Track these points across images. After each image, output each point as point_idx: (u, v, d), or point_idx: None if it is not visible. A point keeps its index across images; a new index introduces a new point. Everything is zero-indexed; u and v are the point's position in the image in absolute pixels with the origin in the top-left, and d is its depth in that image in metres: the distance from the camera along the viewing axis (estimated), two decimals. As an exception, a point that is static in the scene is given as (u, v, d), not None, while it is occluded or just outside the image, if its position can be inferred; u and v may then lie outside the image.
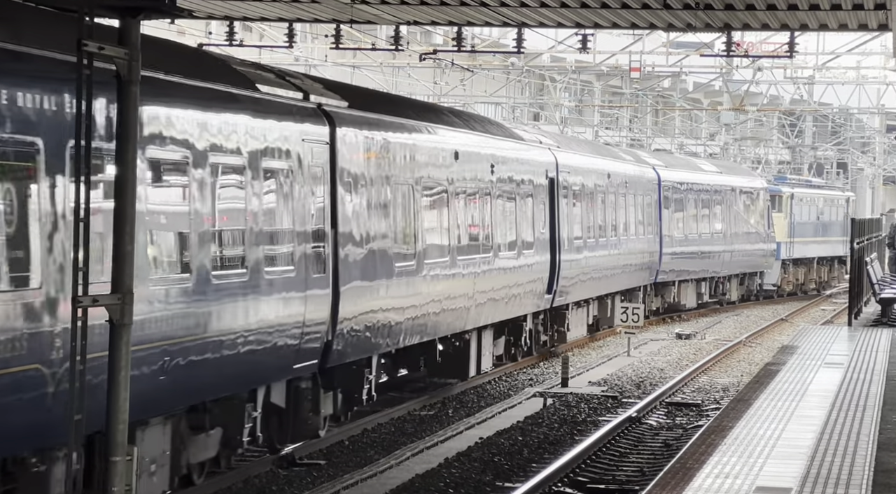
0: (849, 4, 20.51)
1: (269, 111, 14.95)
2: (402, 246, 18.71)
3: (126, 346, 9.82)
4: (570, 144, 30.76)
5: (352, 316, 16.96)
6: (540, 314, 27.79)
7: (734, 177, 45.39)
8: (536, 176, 26.28)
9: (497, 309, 23.64)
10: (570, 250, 28.70)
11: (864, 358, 19.88)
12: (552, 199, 27.52)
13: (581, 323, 30.88)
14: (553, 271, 27.35)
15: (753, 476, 11.29)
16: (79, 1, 9.57)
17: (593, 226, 30.99)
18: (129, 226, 9.84)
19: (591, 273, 30.43)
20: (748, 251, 45.33)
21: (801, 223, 52.34)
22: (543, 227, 26.65)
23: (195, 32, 41.25)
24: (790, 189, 52.13)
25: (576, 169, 29.54)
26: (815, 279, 54.96)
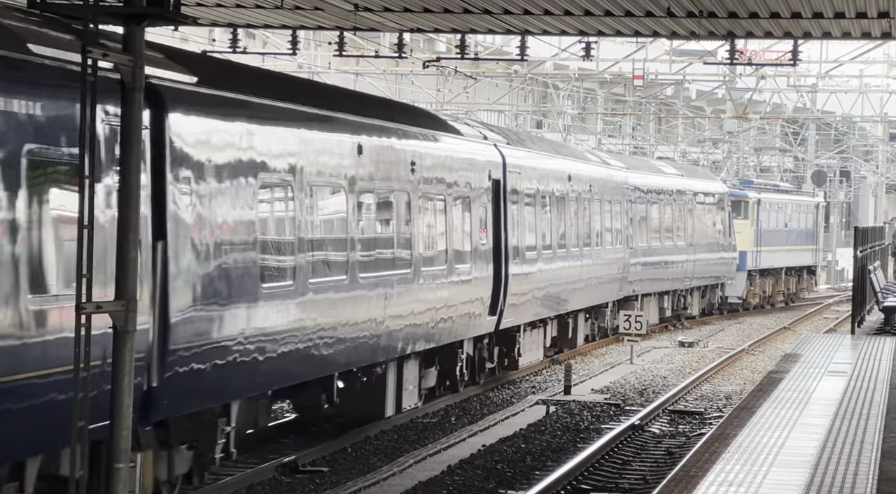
0: (852, 13, 20.53)
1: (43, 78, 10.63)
2: (275, 260, 14.61)
3: (130, 353, 9.83)
4: (522, 141, 26.55)
5: (190, 353, 12.91)
6: (484, 338, 23.72)
7: (696, 181, 41.66)
8: (476, 176, 22.16)
9: (420, 336, 19.45)
10: (520, 263, 24.61)
11: (867, 366, 19.86)
12: (498, 204, 23.52)
13: (536, 347, 26.88)
14: (498, 287, 23.20)
15: (757, 484, 11.27)
16: (83, 8, 9.58)
17: (551, 234, 27.09)
18: (133, 234, 9.85)
19: (547, 288, 26.49)
20: (710, 261, 41.73)
21: (769, 230, 48.51)
22: (485, 237, 22.53)
23: (199, 39, 41.29)
24: (756, 194, 48.10)
25: (528, 169, 25.45)
26: (784, 291, 51.31)
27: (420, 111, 21.48)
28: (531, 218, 25.62)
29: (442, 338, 20.47)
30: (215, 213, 13.39)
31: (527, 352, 26.20)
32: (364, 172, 17.23)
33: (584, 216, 29.84)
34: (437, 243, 20.06)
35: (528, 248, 25.26)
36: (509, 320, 24.02)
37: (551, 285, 26.90)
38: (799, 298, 53.10)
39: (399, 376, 19.54)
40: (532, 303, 25.50)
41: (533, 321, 26.19)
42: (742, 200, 46.89)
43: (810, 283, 54.61)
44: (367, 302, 17.29)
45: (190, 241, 12.93)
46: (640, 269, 35.11)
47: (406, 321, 18.77)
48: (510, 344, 25.21)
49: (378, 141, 17.85)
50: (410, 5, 21.52)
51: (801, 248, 52.13)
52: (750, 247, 46.47)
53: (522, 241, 24.90)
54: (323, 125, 16.10)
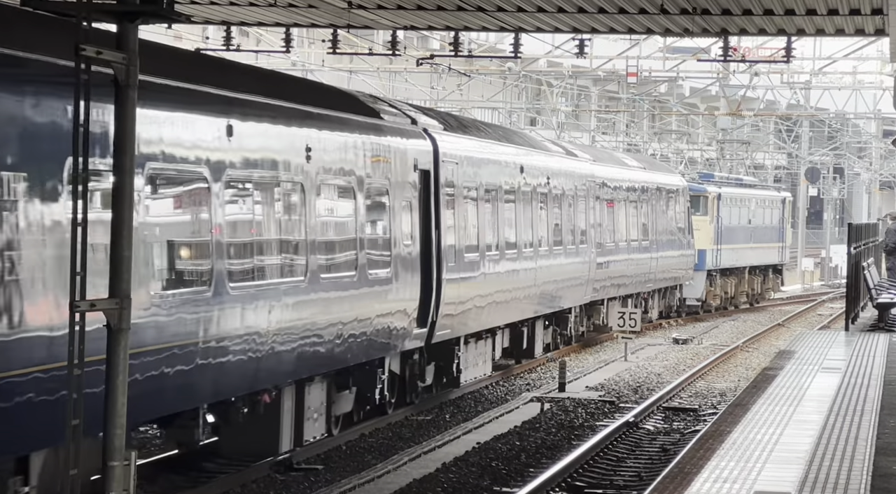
0: (846, 9, 20.54)
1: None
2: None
3: (124, 351, 9.82)
4: (464, 127, 22.85)
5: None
6: (414, 353, 20.40)
7: (658, 175, 38.24)
8: (398, 166, 18.87)
9: (323, 355, 16.31)
10: (458, 267, 21.42)
11: (861, 362, 19.88)
12: (428, 200, 20.24)
13: (483, 360, 23.94)
14: (429, 296, 20.16)
15: (751, 480, 11.28)
16: (76, 5, 9.57)
17: (498, 234, 23.69)
18: (127, 233, 9.84)
19: (494, 295, 23.31)
20: (670, 260, 38.29)
21: (730, 227, 44.94)
22: (409, 238, 19.30)
23: (192, 37, 41.25)
24: (716, 188, 44.54)
25: (468, 159, 22.05)
26: (748, 291, 47.77)
27: (324, 88, 17.92)
28: (472, 215, 22.20)
29: (353, 357, 17.18)
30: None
31: (470, 367, 23.06)
32: (236, 159, 14.02)
33: (540, 213, 26.35)
34: (344, 246, 16.80)
35: (467, 250, 21.89)
36: (444, 332, 20.83)
37: (499, 291, 23.58)
38: (764, 299, 50.06)
39: (298, 403, 16.36)
40: (474, 313, 22.31)
41: (478, 332, 23.06)
42: (700, 195, 43.34)
43: (776, 283, 51.31)
44: (240, 318, 14.03)
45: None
46: (607, 271, 32.08)
47: (301, 339, 15.47)
48: (448, 358, 21.93)
49: (257, 122, 14.69)
50: (404, 3, 21.52)
51: (766, 246, 48.91)
52: (709, 245, 43.09)
53: (461, 242, 21.56)
54: (174, 101, 12.97)
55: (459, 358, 22.34)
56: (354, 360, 17.36)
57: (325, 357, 16.31)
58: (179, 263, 12.98)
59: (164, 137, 12.81)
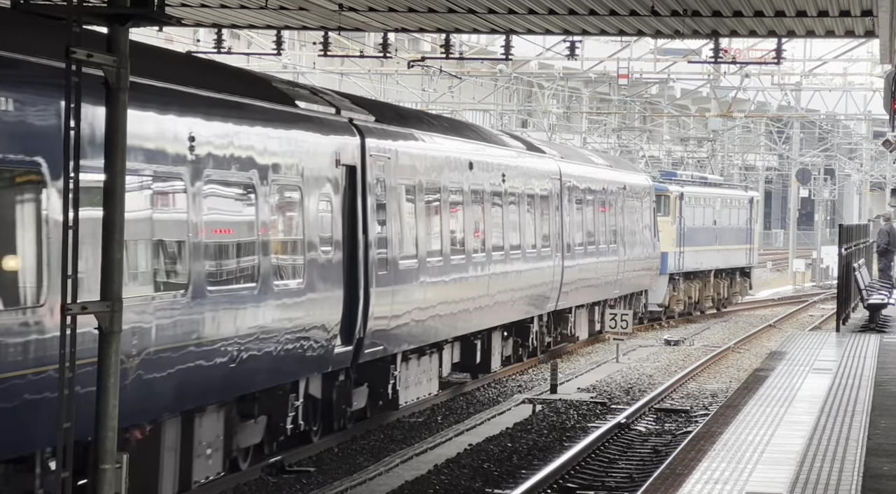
0: (836, 11, 20.59)
1: None
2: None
3: (115, 354, 9.82)
4: (401, 119, 20.27)
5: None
6: (339, 373, 17.99)
7: (624, 173, 35.70)
8: (314, 161, 16.39)
9: (215, 382, 13.86)
10: (392, 277, 18.90)
11: (852, 363, 19.91)
12: (354, 200, 17.85)
13: (427, 378, 21.50)
14: (354, 309, 17.73)
15: (743, 481, 11.30)
16: (67, 8, 9.57)
17: (442, 239, 21.13)
18: (119, 235, 9.84)
19: (439, 307, 20.88)
20: (638, 265, 35.87)
21: (694, 229, 42.53)
22: (329, 244, 16.79)
23: (183, 40, 41.24)
24: (679, 188, 42.03)
25: (403, 154, 19.54)
26: (713, 295, 45.19)
27: (223, 69, 15.27)
28: (409, 217, 19.64)
29: (258, 381, 14.83)
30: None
31: (411, 386, 20.69)
32: (86, 146, 11.25)
33: (494, 214, 23.77)
34: (241, 251, 14.36)
35: (404, 257, 19.34)
36: (375, 350, 18.40)
37: (445, 302, 21.08)
38: (731, 304, 47.55)
39: (187, 439, 13.95)
40: (414, 327, 19.82)
41: (420, 347, 20.65)
42: (662, 194, 40.63)
43: (744, 287, 48.41)
44: (93, 342, 10.92)
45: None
46: (574, 277, 29.58)
47: (183, 363, 12.99)
48: (380, 379, 19.45)
49: (143, 105, 12.45)
50: (395, 5, 21.53)
51: (733, 248, 46.26)
52: (671, 248, 40.48)
53: (395, 248, 18.99)
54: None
55: (396, 377, 19.81)
56: (259, 385, 14.90)
57: (218, 383, 13.70)
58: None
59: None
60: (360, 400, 18.87)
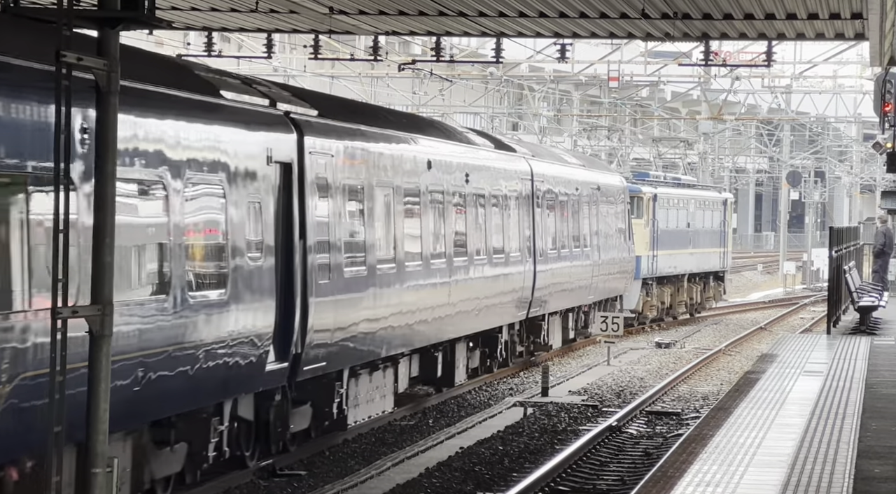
0: (825, 14, 20.63)
1: None
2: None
3: (106, 358, 9.81)
4: (349, 114, 18.47)
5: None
6: (275, 393, 16.16)
7: (599, 174, 33.93)
8: (240, 157, 14.74)
9: (117, 405, 11.68)
10: (336, 286, 17.18)
11: (843, 366, 19.93)
12: (290, 201, 16.10)
13: (380, 395, 19.83)
14: (291, 322, 16.06)
15: (734, 484, 11.30)
16: (57, 12, 9.56)
17: (397, 243, 19.35)
18: (109, 238, 9.83)
19: (392, 318, 19.16)
20: (613, 268, 34.22)
21: (667, 231, 40.90)
22: (258, 249, 15.09)
23: (173, 43, 41.23)
24: (652, 189, 40.46)
25: (350, 151, 17.87)
26: (686, 300, 43.39)
27: (127, 51, 12.82)
28: (357, 221, 17.96)
29: (172, 406, 13.30)
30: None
31: (362, 404, 19.07)
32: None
33: (456, 217, 22.08)
34: (148, 258, 12.74)
35: (351, 264, 17.67)
36: (317, 366, 16.73)
37: (399, 313, 19.38)
38: (704, 309, 45.75)
39: (84, 473, 10.94)
40: (363, 339, 18.20)
41: (372, 361, 19.05)
42: (635, 195, 38.77)
43: (717, 291, 46.64)
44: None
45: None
46: (547, 283, 27.94)
47: (70, 389, 10.34)
48: (325, 397, 17.66)
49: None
50: (385, 8, 21.54)
51: (706, 251, 44.63)
52: (645, 251, 38.86)
53: (339, 255, 17.28)
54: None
55: (343, 394, 18.04)
56: (173, 409, 13.39)
57: (119, 408, 12.03)
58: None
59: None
60: (302, 420, 17.06)
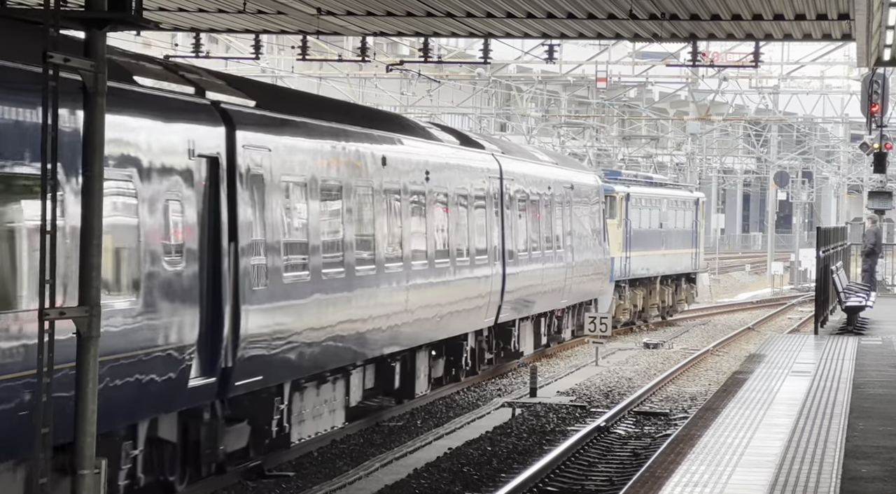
0: (812, 15, 20.67)
1: None
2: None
3: (94, 359, 9.79)
4: (289, 104, 16.97)
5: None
6: (203, 411, 14.79)
7: (571, 172, 32.50)
8: (155, 151, 13.28)
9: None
10: (273, 293, 15.67)
11: (830, 366, 19.97)
12: (217, 199, 14.62)
13: (329, 409, 18.33)
14: (218, 333, 14.51)
15: (722, 484, 11.32)
16: (44, 13, 9.55)
17: (345, 247, 17.90)
18: (97, 240, 9.82)
19: (339, 327, 17.63)
20: (588, 270, 32.79)
21: (640, 232, 39.41)
22: (178, 253, 13.72)
23: (161, 44, 41.20)
24: (625, 188, 38.88)
25: (291, 147, 16.36)
26: (658, 303, 41.60)
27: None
28: (299, 221, 16.44)
29: (69, 429, 10.42)
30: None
31: (308, 420, 17.60)
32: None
33: (415, 218, 20.63)
34: (35, 264, 10.74)
35: (290, 268, 16.14)
36: (251, 380, 15.22)
37: (348, 321, 17.85)
38: (676, 312, 44.08)
39: None
40: (307, 350, 16.66)
41: (319, 373, 17.59)
42: (608, 195, 37.04)
43: (690, 294, 44.99)
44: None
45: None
46: (518, 286, 26.40)
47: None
48: (266, 413, 16.14)
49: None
50: (373, 9, 21.54)
51: (679, 252, 43.03)
52: (617, 252, 37.27)
53: (277, 259, 15.76)
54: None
55: (283, 411, 16.52)
56: (70, 433, 10.65)
57: (7, 435, 10.79)
58: None
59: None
60: (237, 440, 15.48)
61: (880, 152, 32.77)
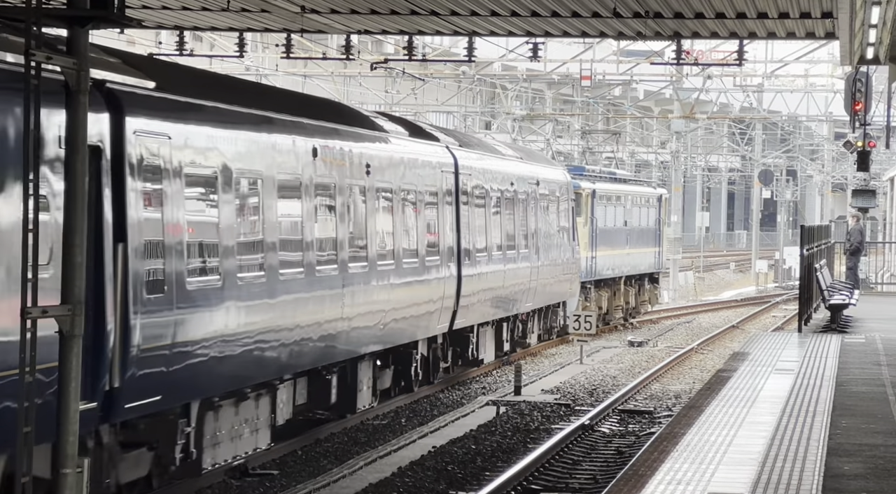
0: (796, 13, 20.71)
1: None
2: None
3: (77, 358, 9.77)
4: (197, 85, 15.06)
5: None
6: (87, 437, 12.72)
7: (538, 167, 30.66)
8: (19, 138, 11.23)
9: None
10: (173, 301, 13.83)
11: (814, 364, 20.01)
12: (100, 195, 12.68)
13: (250, 429, 16.29)
14: (101, 349, 12.55)
15: (705, 482, 11.34)
16: (26, 10, 9.52)
17: (265, 247, 15.93)
18: (80, 238, 9.80)
19: (259, 337, 15.71)
20: (556, 271, 31.09)
21: (606, 230, 37.70)
22: (46, 258, 11.60)
23: (145, 42, 41.13)
24: (591, 184, 37.21)
25: (206, 134, 14.56)
26: (622, 305, 39.86)
27: None
28: (208, 219, 14.58)
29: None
30: None
31: (224, 443, 15.60)
32: None
33: (353, 215, 18.78)
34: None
35: (195, 274, 14.18)
36: (146, 401, 13.24)
37: (271, 331, 15.99)
38: (639, 313, 42.25)
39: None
40: (221, 365, 14.71)
41: (236, 391, 15.68)
42: (574, 191, 34.98)
43: (653, 295, 43.18)
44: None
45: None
46: (476, 289, 24.74)
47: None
48: (168, 437, 14.23)
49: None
50: (357, 7, 21.52)
51: (643, 251, 41.26)
52: (584, 252, 35.67)
53: (178, 262, 13.90)
54: None
55: (192, 433, 14.62)
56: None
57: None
58: None
59: None
60: (136, 467, 13.64)
61: (864, 150, 32.85)
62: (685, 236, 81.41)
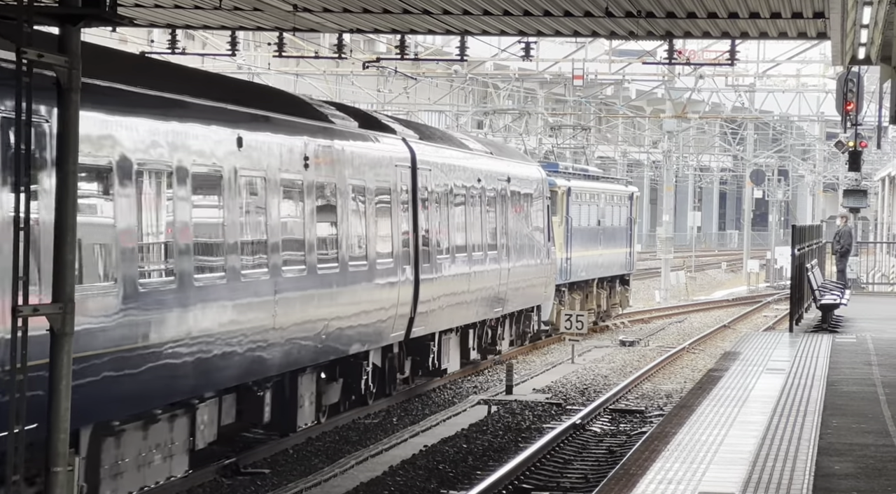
0: (788, 13, 20.74)
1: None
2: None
3: (67, 356, 9.77)
4: (94, 62, 12.57)
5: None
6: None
7: (509, 163, 28.43)
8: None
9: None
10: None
11: (805, 363, 20.04)
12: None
13: (163, 455, 14.51)
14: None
15: (696, 481, 11.35)
16: (17, 8, 9.51)
17: (177, 249, 14.15)
18: (71, 236, 9.79)
19: (168, 353, 13.96)
20: (529, 274, 29.23)
21: (580, 230, 36.17)
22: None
23: (137, 40, 41.11)
24: (566, 182, 35.42)
25: (97, 119, 12.68)
26: (595, 308, 38.32)
27: None
28: (103, 218, 12.71)
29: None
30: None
31: (129, 472, 13.75)
32: None
33: (288, 214, 16.92)
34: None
35: (85, 278, 12.32)
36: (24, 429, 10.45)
37: (185, 343, 14.21)
38: (610, 317, 40.50)
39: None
40: (119, 384, 12.98)
41: (142, 413, 13.90)
42: (549, 189, 32.73)
43: (624, 297, 41.62)
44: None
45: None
46: (437, 294, 22.93)
47: None
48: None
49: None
50: (350, 6, 21.52)
51: (615, 251, 39.87)
52: (559, 253, 33.87)
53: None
54: None
55: (82, 464, 12.74)
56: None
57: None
58: None
59: None
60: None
61: (855, 150, 32.91)
62: (677, 236, 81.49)
